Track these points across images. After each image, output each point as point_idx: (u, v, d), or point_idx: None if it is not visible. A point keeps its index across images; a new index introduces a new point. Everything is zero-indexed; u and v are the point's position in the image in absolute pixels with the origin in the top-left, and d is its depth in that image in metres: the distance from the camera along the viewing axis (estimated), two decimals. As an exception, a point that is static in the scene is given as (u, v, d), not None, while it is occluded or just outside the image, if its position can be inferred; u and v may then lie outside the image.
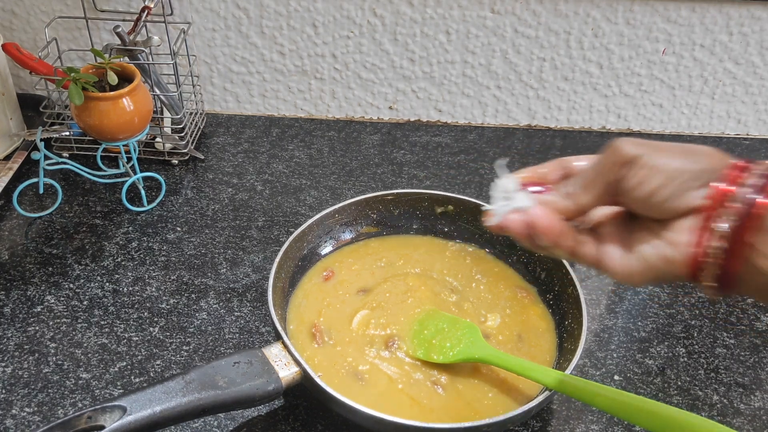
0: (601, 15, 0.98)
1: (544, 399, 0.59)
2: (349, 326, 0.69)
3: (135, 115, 0.82)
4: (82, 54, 1.03)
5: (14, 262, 0.80)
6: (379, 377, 0.65)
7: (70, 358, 0.69)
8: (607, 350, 0.73)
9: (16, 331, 0.72)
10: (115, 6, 0.98)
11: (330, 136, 1.05)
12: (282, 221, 0.87)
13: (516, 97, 1.07)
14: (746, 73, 1.03)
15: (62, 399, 0.65)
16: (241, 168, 0.97)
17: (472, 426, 0.57)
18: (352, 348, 0.67)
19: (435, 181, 0.96)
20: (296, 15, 1.00)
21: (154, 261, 0.81)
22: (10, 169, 0.92)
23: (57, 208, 0.88)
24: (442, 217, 0.81)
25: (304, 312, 0.71)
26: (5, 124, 0.94)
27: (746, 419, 0.66)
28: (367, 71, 1.05)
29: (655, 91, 1.05)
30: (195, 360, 0.70)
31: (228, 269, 0.80)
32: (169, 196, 0.91)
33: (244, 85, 1.07)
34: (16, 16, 1.02)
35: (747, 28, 0.99)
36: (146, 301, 0.76)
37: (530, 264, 0.76)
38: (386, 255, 0.78)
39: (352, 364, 0.66)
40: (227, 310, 0.75)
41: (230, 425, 0.64)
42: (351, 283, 0.74)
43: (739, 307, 0.78)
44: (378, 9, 0.99)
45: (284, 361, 0.60)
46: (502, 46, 1.02)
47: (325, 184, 0.94)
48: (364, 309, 0.71)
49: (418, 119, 1.10)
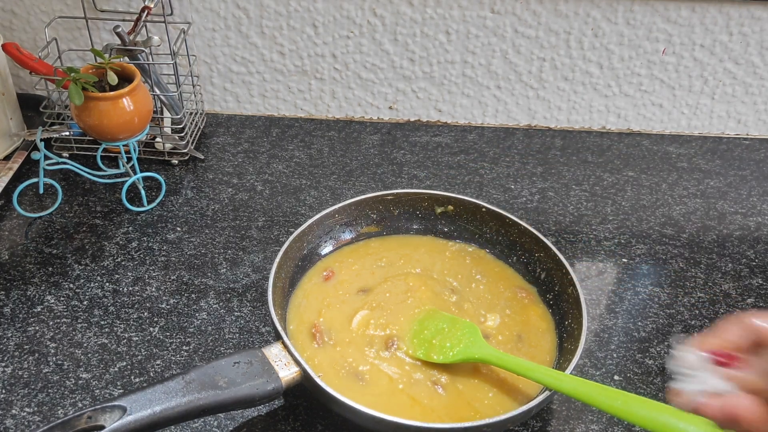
0: (602, 15, 0.98)
1: (544, 399, 0.59)
2: (349, 326, 0.69)
3: (135, 115, 0.82)
4: (82, 54, 1.03)
5: (14, 262, 0.80)
6: (380, 377, 0.65)
7: (70, 358, 0.69)
8: (607, 350, 0.73)
9: (16, 331, 0.72)
10: (115, 6, 0.98)
11: (330, 136, 1.05)
12: (282, 221, 0.88)
13: (516, 97, 1.07)
14: (746, 73, 1.03)
15: (62, 399, 0.65)
16: (241, 168, 0.97)
17: (472, 426, 0.57)
18: (352, 348, 0.67)
19: (435, 181, 0.96)
20: (296, 15, 1.00)
21: (154, 261, 0.81)
22: (10, 169, 0.92)
23: (57, 208, 0.88)
24: (442, 217, 0.81)
25: (304, 312, 0.71)
26: (5, 124, 0.94)
27: (746, 419, 0.66)
28: (367, 71, 1.05)
29: (655, 91, 1.05)
30: (195, 360, 0.70)
31: (228, 269, 0.80)
32: (169, 196, 0.91)
33: (244, 85, 1.07)
34: (16, 16, 1.02)
35: (747, 29, 0.99)
36: (146, 301, 0.76)
37: (530, 264, 0.76)
38: (386, 255, 0.78)
39: (352, 365, 0.66)
40: (227, 310, 0.75)
41: (230, 425, 0.64)
42: (351, 283, 0.74)
43: (739, 307, 0.78)
44: (378, 9, 0.99)
45: (284, 361, 0.60)
46: (502, 46, 1.02)
47: (325, 184, 0.94)
48: (364, 309, 0.71)
49: (418, 119, 1.10)
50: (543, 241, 0.74)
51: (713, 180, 0.99)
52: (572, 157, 1.02)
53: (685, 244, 0.87)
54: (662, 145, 1.07)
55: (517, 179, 0.97)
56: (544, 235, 0.74)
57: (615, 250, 0.86)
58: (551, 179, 0.97)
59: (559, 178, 0.98)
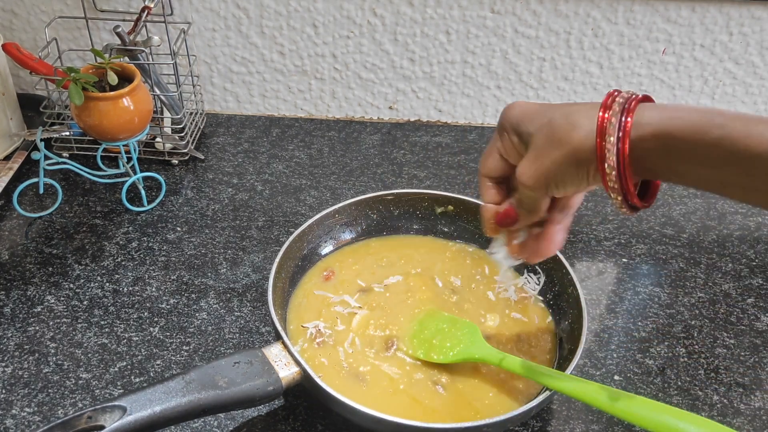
0: (602, 15, 0.98)
1: (544, 399, 0.59)
2: (349, 326, 0.69)
3: (135, 115, 0.82)
4: (82, 54, 1.03)
5: (14, 262, 0.80)
6: (380, 377, 0.65)
7: (70, 358, 0.69)
8: (607, 350, 0.73)
9: (16, 331, 0.72)
10: (115, 6, 0.98)
11: (330, 136, 1.05)
12: (282, 221, 0.88)
13: (516, 97, 1.07)
14: (746, 74, 1.03)
15: (62, 399, 0.65)
16: (241, 168, 0.97)
17: (472, 426, 0.57)
18: (353, 348, 0.67)
19: (435, 181, 0.96)
20: (296, 15, 1.00)
21: (154, 261, 0.81)
22: (11, 169, 0.92)
23: (57, 208, 0.88)
24: (443, 217, 0.81)
25: (304, 312, 0.71)
26: (5, 124, 0.94)
27: (746, 419, 0.66)
28: (367, 71, 1.05)
29: (655, 91, 1.05)
30: (195, 360, 0.70)
31: (228, 269, 0.80)
32: (169, 196, 0.91)
33: (244, 85, 1.07)
34: (16, 16, 1.02)
35: (747, 28, 0.99)
36: (146, 301, 0.76)
37: (530, 264, 0.76)
38: (387, 255, 0.78)
39: (353, 365, 0.66)
40: (227, 310, 0.75)
41: (230, 425, 0.64)
42: (351, 283, 0.74)
43: (739, 307, 0.78)
44: (378, 9, 0.99)
45: (284, 361, 0.60)
46: (502, 46, 1.02)
47: (325, 184, 0.94)
48: (364, 309, 0.71)
49: (418, 119, 1.10)
50: (543, 241, 0.74)
51: (713, 180, 0.99)
52: (572, 157, 1.02)
53: (685, 244, 0.87)
54: (662, 145, 1.06)
55: (517, 179, 0.97)
56: (544, 235, 0.74)
57: (615, 250, 0.86)
58: (551, 179, 0.97)
59: (559, 178, 0.98)
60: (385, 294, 0.73)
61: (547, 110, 0.50)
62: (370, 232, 0.81)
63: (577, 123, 0.46)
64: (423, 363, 0.66)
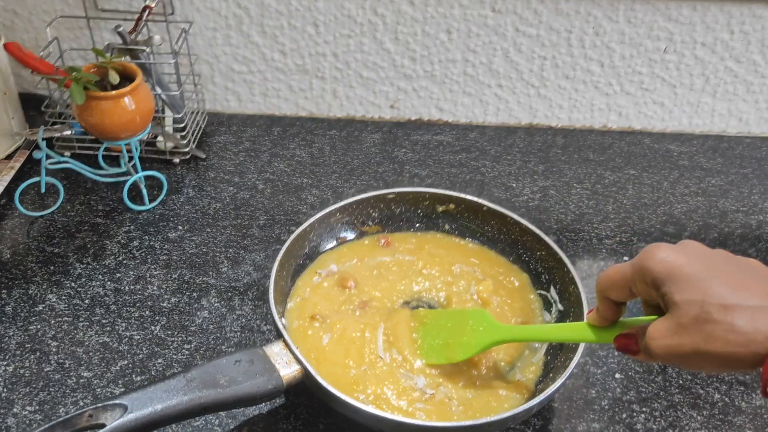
0: (603, 14, 0.98)
1: (545, 397, 0.59)
2: (349, 326, 0.69)
3: (136, 115, 0.83)
4: (84, 53, 1.03)
5: (16, 261, 0.80)
6: (380, 377, 0.65)
7: (72, 357, 0.69)
8: (608, 348, 0.72)
9: (18, 329, 0.72)
10: (116, 5, 0.99)
11: (331, 134, 1.05)
12: (283, 220, 0.88)
13: (517, 96, 1.07)
14: (747, 72, 1.03)
15: (63, 397, 0.65)
16: (242, 167, 0.97)
17: (472, 425, 0.57)
18: (354, 348, 0.67)
19: (436, 179, 0.96)
20: (297, 14, 1.00)
21: (156, 260, 0.81)
22: (12, 168, 0.92)
23: (59, 207, 0.88)
24: (444, 215, 0.81)
25: (305, 311, 0.71)
26: (7, 124, 0.94)
27: (747, 417, 0.66)
28: (369, 70, 1.05)
29: (656, 90, 1.05)
30: (196, 358, 0.70)
31: (229, 268, 0.80)
32: (171, 195, 0.91)
33: (245, 84, 1.07)
34: (17, 16, 1.02)
35: (748, 27, 0.98)
36: (147, 300, 0.76)
37: (532, 262, 0.76)
38: (389, 254, 0.78)
39: (353, 365, 0.66)
40: (228, 309, 0.75)
41: (231, 424, 0.64)
42: (352, 283, 0.74)
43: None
44: (379, 8, 0.99)
45: (285, 360, 0.60)
46: (503, 45, 1.02)
47: (327, 182, 0.94)
48: (363, 309, 0.71)
49: (420, 118, 1.10)
50: (544, 239, 0.74)
51: (715, 178, 0.99)
52: (573, 156, 1.02)
53: (686, 242, 0.87)
54: (663, 143, 1.06)
55: (518, 178, 0.97)
56: (545, 234, 0.74)
57: (616, 248, 0.86)
58: (552, 178, 0.97)
59: (560, 177, 0.98)
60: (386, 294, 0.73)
61: (698, 284, 0.43)
62: (372, 231, 0.81)
63: (740, 328, 0.42)
64: (422, 362, 0.66)
